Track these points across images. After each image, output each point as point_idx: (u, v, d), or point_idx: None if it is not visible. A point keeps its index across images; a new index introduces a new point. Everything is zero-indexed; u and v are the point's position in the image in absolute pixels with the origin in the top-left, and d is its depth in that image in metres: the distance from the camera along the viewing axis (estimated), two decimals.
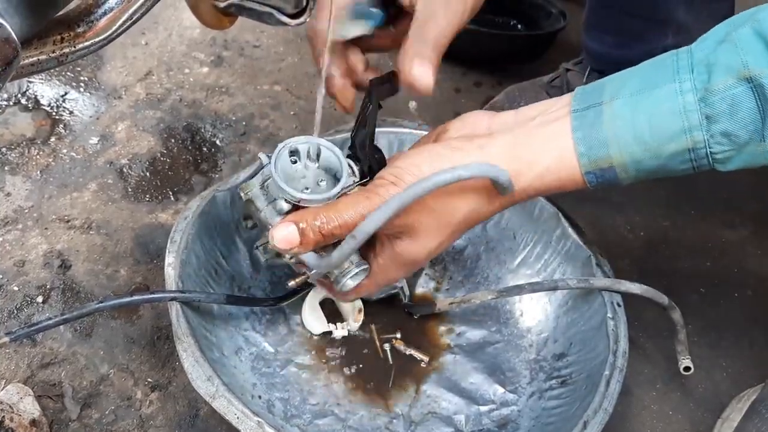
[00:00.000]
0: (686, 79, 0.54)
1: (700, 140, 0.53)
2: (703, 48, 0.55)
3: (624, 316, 0.73)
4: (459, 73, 1.19)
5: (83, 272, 0.85)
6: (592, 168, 0.56)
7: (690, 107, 0.53)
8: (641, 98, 0.55)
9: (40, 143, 0.98)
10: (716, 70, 0.53)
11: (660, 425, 0.79)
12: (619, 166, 0.56)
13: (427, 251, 0.61)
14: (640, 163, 0.55)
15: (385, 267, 0.63)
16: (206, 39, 1.16)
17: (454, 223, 0.60)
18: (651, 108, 0.54)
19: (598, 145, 0.56)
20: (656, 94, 0.55)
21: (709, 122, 0.52)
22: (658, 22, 0.93)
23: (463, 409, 0.75)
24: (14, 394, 0.70)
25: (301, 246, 0.57)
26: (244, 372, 0.73)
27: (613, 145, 0.55)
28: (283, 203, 0.60)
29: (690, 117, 0.53)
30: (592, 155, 0.56)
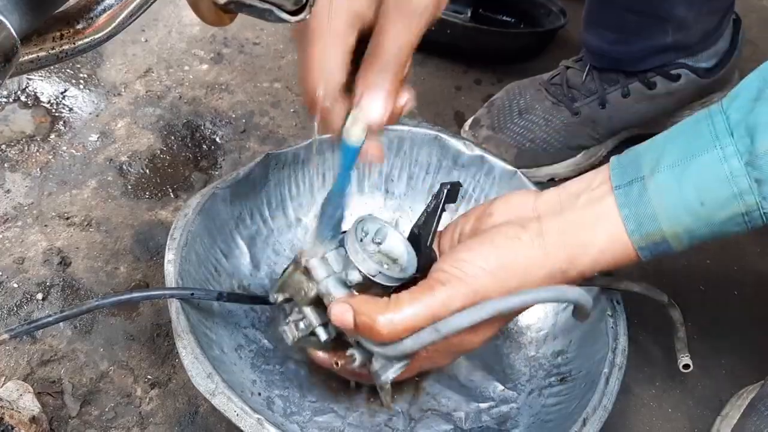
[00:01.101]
0: (728, 143, 0.53)
1: (752, 203, 0.53)
2: (739, 108, 0.54)
3: (623, 314, 0.73)
4: (459, 71, 1.19)
5: (83, 269, 0.85)
6: (645, 243, 0.56)
7: (737, 172, 0.52)
8: (684, 168, 0.54)
9: (39, 140, 0.98)
10: (758, 131, 0.52)
11: (659, 423, 0.79)
12: (672, 238, 0.56)
13: (482, 341, 0.60)
14: (693, 233, 0.55)
15: (434, 354, 0.61)
16: (206, 36, 1.16)
17: (512, 314, 0.60)
18: (696, 177, 0.54)
19: (648, 221, 0.55)
20: (699, 163, 0.54)
21: (759, 185, 0.52)
22: (658, 18, 0.93)
23: (462, 406, 0.75)
24: (14, 391, 0.70)
25: (352, 331, 0.57)
26: (243, 369, 0.73)
27: (663, 219, 0.55)
28: (356, 274, 0.58)
29: (739, 182, 0.52)
30: (643, 231, 0.56)
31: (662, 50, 0.96)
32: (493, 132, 1.01)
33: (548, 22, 1.22)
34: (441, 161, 0.86)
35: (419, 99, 1.12)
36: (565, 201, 0.60)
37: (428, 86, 1.15)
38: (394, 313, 0.55)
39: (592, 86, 1.00)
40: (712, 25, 0.96)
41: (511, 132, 1.00)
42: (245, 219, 0.81)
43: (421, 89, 1.14)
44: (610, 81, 0.99)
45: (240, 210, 0.81)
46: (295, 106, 1.08)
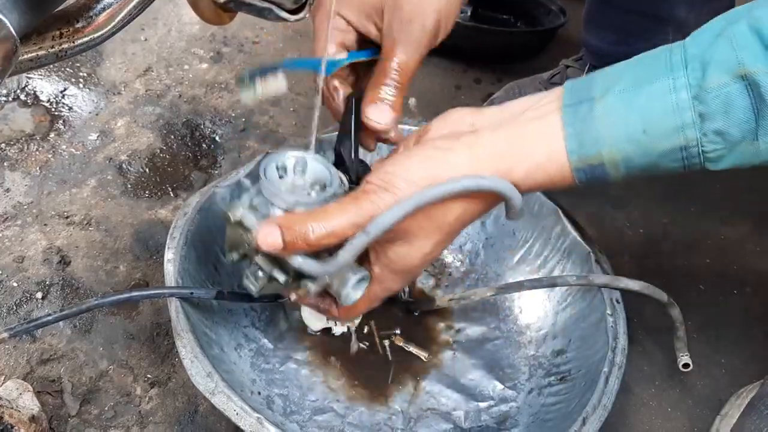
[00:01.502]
0: (680, 75, 0.53)
1: (692, 138, 0.52)
2: (698, 43, 0.54)
3: (623, 313, 0.73)
4: (459, 70, 1.19)
5: (82, 268, 0.85)
6: (582, 165, 0.56)
7: (684, 105, 0.52)
8: (634, 95, 0.54)
9: (39, 139, 0.98)
10: (711, 67, 0.52)
11: (659, 422, 0.79)
12: (609, 163, 0.55)
13: (422, 254, 0.60)
14: (630, 161, 0.55)
15: (382, 277, 0.62)
16: (206, 35, 1.16)
17: (447, 223, 0.59)
18: (644, 105, 0.54)
19: (590, 142, 0.55)
20: (649, 91, 0.54)
21: (702, 120, 0.52)
22: (658, 19, 0.93)
23: (462, 406, 0.75)
24: (13, 390, 0.70)
25: (285, 250, 0.56)
26: (243, 368, 0.73)
27: (604, 143, 0.55)
28: (276, 210, 0.58)
29: (683, 115, 0.52)
30: (583, 153, 0.55)
31: None
32: None
33: (548, 21, 1.22)
34: None
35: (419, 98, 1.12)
36: (507, 117, 0.60)
37: (428, 85, 1.15)
38: (321, 222, 0.56)
39: None
40: None
41: None
42: None
43: (421, 88, 1.14)
44: None
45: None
46: (295, 105, 1.08)
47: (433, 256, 0.61)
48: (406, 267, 0.61)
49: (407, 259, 0.60)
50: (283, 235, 0.56)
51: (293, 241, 0.56)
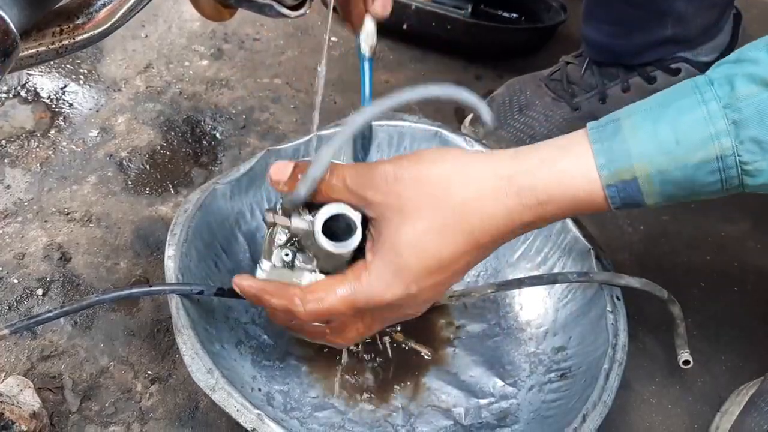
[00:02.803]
0: (707, 91, 0.52)
1: (728, 147, 0.50)
2: (720, 69, 0.53)
3: (623, 310, 0.73)
4: (459, 67, 1.18)
5: (83, 265, 0.85)
6: (613, 181, 0.53)
7: (715, 114, 0.51)
8: (661, 112, 0.53)
9: (39, 136, 0.98)
10: (738, 80, 0.51)
11: (659, 419, 0.79)
12: (643, 177, 0.53)
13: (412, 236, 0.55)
14: (664, 174, 0.52)
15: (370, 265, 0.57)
16: (206, 32, 1.16)
17: (452, 203, 0.54)
18: (673, 118, 0.52)
19: (620, 156, 0.53)
20: (677, 106, 0.52)
21: (737, 127, 0.50)
22: (657, 12, 0.93)
23: (462, 402, 0.75)
24: (14, 386, 0.70)
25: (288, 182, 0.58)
26: (244, 365, 0.73)
27: (635, 156, 0.52)
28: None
29: (716, 123, 0.51)
30: (613, 166, 0.53)
31: (662, 43, 0.95)
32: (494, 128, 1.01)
33: (548, 17, 1.22)
34: None
35: None
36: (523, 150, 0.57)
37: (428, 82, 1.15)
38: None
39: (591, 81, 1.00)
40: (712, 19, 0.96)
41: (511, 128, 1.00)
42: (245, 215, 0.81)
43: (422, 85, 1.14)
44: (610, 76, 0.99)
45: (240, 206, 0.81)
46: (296, 102, 1.08)
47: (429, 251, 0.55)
48: (393, 249, 0.55)
49: (396, 236, 0.55)
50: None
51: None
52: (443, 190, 0.55)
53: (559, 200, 0.54)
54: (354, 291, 0.57)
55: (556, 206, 0.55)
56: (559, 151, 0.55)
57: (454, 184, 0.55)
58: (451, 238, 0.55)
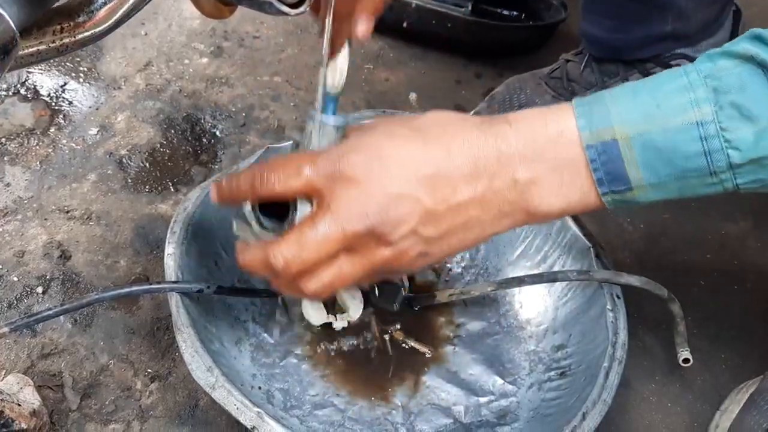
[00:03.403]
0: (689, 68, 0.52)
1: (708, 113, 0.50)
2: (703, 56, 0.54)
3: (623, 308, 0.73)
4: (460, 65, 1.18)
5: (83, 263, 0.85)
6: (593, 141, 0.53)
7: (695, 82, 0.51)
8: (643, 83, 0.53)
9: (39, 134, 0.98)
10: (718, 56, 0.52)
11: (659, 417, 0.79)
12: (623, 139, 0.52)
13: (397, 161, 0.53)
14: (644, 137, 0.51)
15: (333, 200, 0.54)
16: (206, 29, 1.16)
17: (424, 124, 0.56)
18: (653, 87, 0.52)
19: (600, 118, 0.53)
20: (658, 79, 0.53)
21: (716, 94, 0.50)
22: (657, 6, 0.93)
23: (462, 400, 0.75)
24: (14, 384, 0.70)
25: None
26: (243, 363, 0.73)
27: (615, 117, 0.52)
28: None
29: (696, 90, 0.51)
30: (593, 126, 0.53)
31: (661, 39, 0.95)
32: None
33: (549, 15, 1.22)
34: None
35: (419, 92, 1.12)
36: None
37: (428, 80, 1.15)
38: None
39: (591, 78, 1.00)
40: (712, 15, 0.96)
41: None
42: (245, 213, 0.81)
43: (422, 83, 1.14)
44: (609, 73, 0.99)
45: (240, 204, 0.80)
46: (296, 100, 1.08)
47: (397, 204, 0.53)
48: (371, 188, 0.53)
49: (374, 172, 0.53)
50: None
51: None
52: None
53: (537, 154, 0.54)
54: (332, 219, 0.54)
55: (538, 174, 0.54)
56: (543, 114, 0.55)
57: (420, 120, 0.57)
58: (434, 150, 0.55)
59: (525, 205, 0.55)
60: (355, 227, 0.53)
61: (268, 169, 0.56)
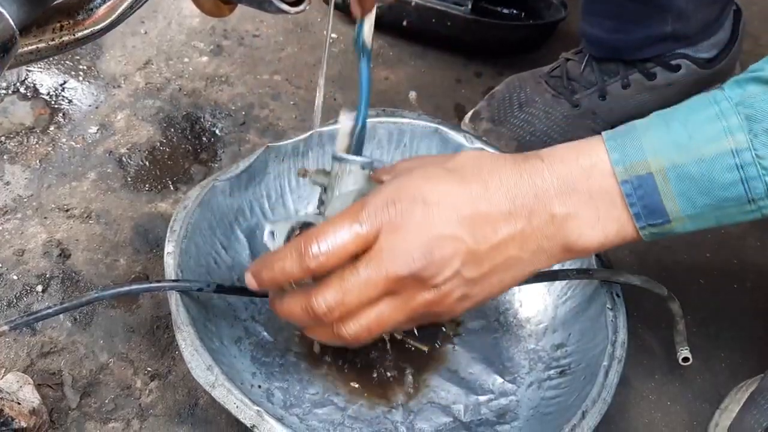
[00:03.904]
0: (718, 95, 0.52)
1: (742, 140, 0.50)
2: (729, 80, 0.54)
3: (623, 307, 0.73)
4: (459, 64, 1.18)
5: (83, 261, 0.85)
6: (628, 176, 0.53)
7: (727, 111, 0.51)
8: (673, 113, 0.53)
9: (39, 132, 0.98)
10: (748, 83, 0.51)
11: (658, 415, 0.79)
12: (658, 172, 0.52)
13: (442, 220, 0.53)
14: (679, 169, 0.52)
15: (383, 249, 0.54)
16: (206, 28, 1.16)
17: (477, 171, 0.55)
18: (685, 117, 0.52)
19: (633, 150, 0.53)
20: (688, 106, 0.53)
21: (750, 121, 0.50)
22: (657, 7, 0.92)
23: (461, 399, 0.75)
24: (14, 382, 0.70)
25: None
26: (243, 361, 0.73)
27: (648, 149, 0.52)
28: None
29: (728, 118, 0.51)
30: (627, 160, 0.53)
31: (661, 39, 0.95)
32: (494, 125, 1.01)
33: (549, 14, 1.22)
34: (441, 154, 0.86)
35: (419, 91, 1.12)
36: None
37: (428, 79, 1.15)
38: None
39: (591, 78, 1.00)
40: (712, 16, 0.96)
41: (511, 125, 1.00)
42: (245, 211, 0.81)
43: (421, 82, 1.14)
44: (609, 72, 0.99)
45: (240, 202, 0.81)
46: (295, 99, 1.08)
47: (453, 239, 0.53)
48: (415, 232, 0.53)
49: (417, 216, 0.53)
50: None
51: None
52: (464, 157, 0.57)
53: (575, 191, 0.54)
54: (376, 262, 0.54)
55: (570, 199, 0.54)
56: (574, 149, 0.56)
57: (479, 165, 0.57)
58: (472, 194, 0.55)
59: (563, 239, 0.55)
60: (398, 271, 0.53)
61: (311, 241, 0.55)
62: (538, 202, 0.54)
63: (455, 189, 0.55)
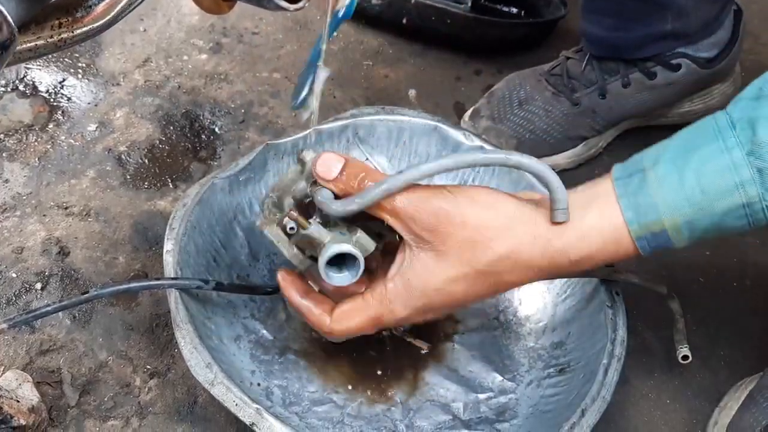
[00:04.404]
0: (729, 136, 0.53)
1: (754, 195, 0.52)
2: (740, 107, 0.54)
3: (623, 305, 0.73)
4: (459, 62, 1.18)
5: (82, 259, 0.85)
6: (643, 233, 0.55)
7: (739, 162, 0.52)
8: (685, 161, 0.54)
9: (38, 130, 0.98)
10: (760, 123, 0.52)
11: (658, 414, 0.79)
12: (672, 229, 0.55)
13: (444, 278, 0.57)
14: (693, 224, 0.54)
15: (392, 293, 0.59)
16: (205, 26, 1.16)
17: (489, 256, 0.56)
18: (697, 167, 0.53)
19: (647, 210, 0.55)
20: (700, 154, 0.54)
21: (761, 176, 0.51)
22: (657, 4, 0.92)
23: (461, 397, 0.75)
24: (13, 380, 0.70)
25: (332, 181, 0.57)
26: (242, 359, 0.73)
27: (663, 209, 0.54)
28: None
29: (740, 172, 0.52)
30: (642, 221, 0.55)
31: (661, 38, 0.95)
32: (493, 123, 1.01)
33: (549, 12, 1.22)
34: (441, 152, 0.86)
35: (419, 89, 1.12)
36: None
37: (428, 76, 1.15)
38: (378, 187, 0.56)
39: (591, 76, 1.00)
40: (712, 14, 0.96)
41: (511, 123, 1.00)
42: (244, 209, 0.81)
43: (421, 80, 1.14)
44: (609, 71, 0.99)
45: (239, 200, 0.80)
46: None
47: (453, 294, 0.58)
48: (421, 287, 0.58)
49: (427, 276, 0.57)
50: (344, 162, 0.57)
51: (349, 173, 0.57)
52: (485, 241, 0.56)
53: (589, 259, 0.57)
54: (379, 314, 0.60)
55: (587, 264, 0.58)
56: (587, 206, 0.57)
57: (496, 236, 0.56)
58: (478, 288, 0.58)
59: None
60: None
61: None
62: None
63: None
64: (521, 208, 0.58)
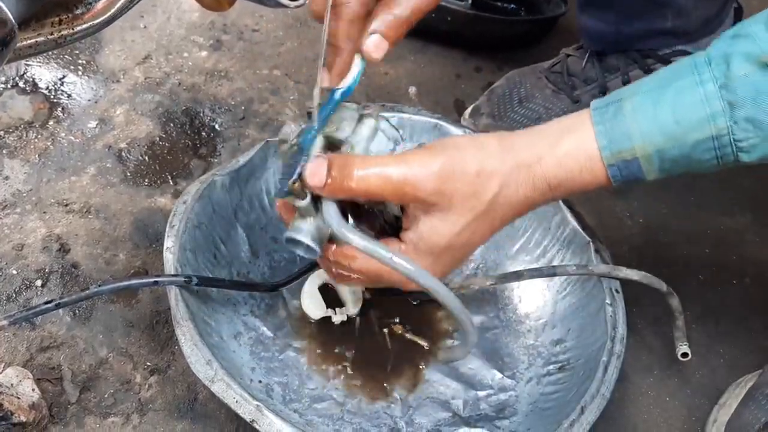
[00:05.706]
0: (705, 71, 0.54)
1: (723, 127, 0.53)
2: (718, 46, 0.55)
3: (622, 303, 0.73)
4: (459, 59, 1.18)
5: (82, 256, 0.85)
6: (615, 160, 0.56)
7: (711, 95, 0.53)
8: (661, 93, 0.56)
9: (38, 127, 0.98)
10: (734, 59, 0.53)
11: (657, 411, 0.79)
12: (643, 157, 0.56)
13: (451, 234, 0.57)
14: (663, 153, 0.55)
15: (404, 253, 0.59)
16: (205, 23, 1.15)
17: (487, 195, 0.57)
18: (672, 99, 0.55)
19: (621, 137, 0.56)
20: (676, 86, 0.55)
21: (732, 108, 0.53)
22: (656, 3, 0.92)
23: (461, 394, 0.75)
24: (13, 377, 0.70)
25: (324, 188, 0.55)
26: (242, 356, 0.73)
27: (636, 136, 0.55)
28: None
29: (712, 104, 0.53)
30: (615, 148, 0.56)
31: (661, 34, 0.95)
32: (494, 120, 1.01)
33: (549, 9, 1.22)
34: None
35: (419, 86, 1.12)
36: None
37: (428, 74, 1.15)
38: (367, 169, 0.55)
39: (592, 74, 1.00)
40: (712, 12, 0.96)
41: (511, 120, 1.00)
42: (244, 206, 0.81)
43: (421, 77, 1.14)
44: (610, 68, 0.99)
45: (239, 197, 0.80)
46: (295, 94, 1.08)
47: (462, 244, 0.58)
48: (431, 246, 0.58)
49: (436, 235, 0.57)
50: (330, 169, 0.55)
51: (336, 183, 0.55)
52: (482, 184, 0.57)
53: (566, 184, 0.58)
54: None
55: (564, 189, 0.58)
56: (564, 134, 0.58)
57: (489, 176, 0.57)
58: (480, 231, 0.59)
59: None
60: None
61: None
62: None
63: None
64: (501, 141, 0.59)
